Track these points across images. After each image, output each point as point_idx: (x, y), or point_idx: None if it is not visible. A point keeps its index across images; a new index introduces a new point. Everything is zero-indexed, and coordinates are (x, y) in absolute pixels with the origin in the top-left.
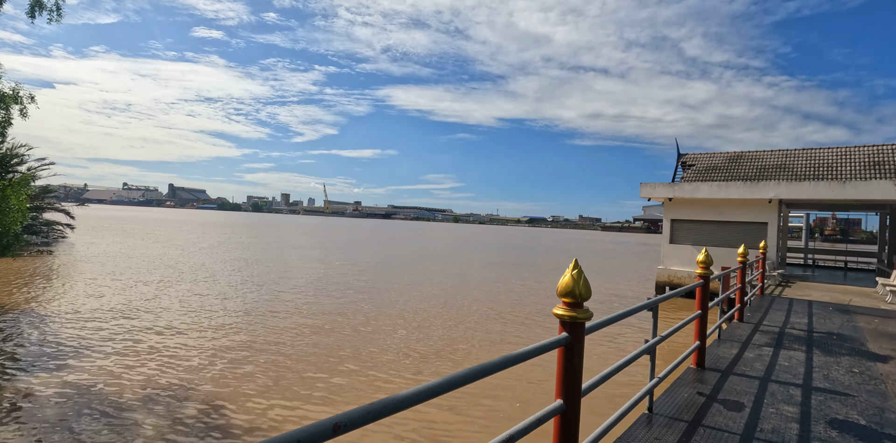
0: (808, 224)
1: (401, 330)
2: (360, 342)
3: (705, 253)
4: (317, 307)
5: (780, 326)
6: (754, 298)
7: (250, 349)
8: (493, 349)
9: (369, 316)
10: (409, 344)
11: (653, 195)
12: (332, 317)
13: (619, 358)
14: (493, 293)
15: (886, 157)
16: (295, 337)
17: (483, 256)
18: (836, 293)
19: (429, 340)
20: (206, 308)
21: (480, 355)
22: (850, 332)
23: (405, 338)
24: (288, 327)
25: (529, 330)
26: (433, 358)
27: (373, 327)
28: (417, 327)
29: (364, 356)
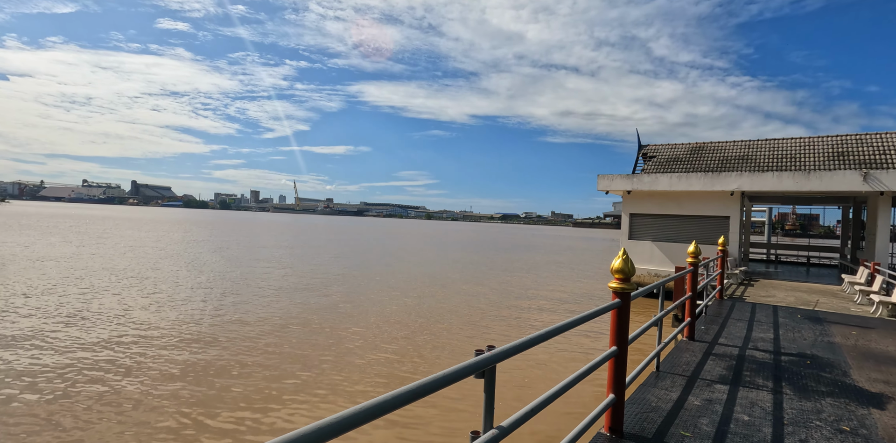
0: (770, 219)
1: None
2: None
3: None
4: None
5: (740, 345)
6: (713, 303)
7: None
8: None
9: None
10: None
11: (611, 188)
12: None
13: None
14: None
15: (851, 147)
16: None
17: (455, 257)
18: (801, 293)
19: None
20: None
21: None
22: (826, 352)
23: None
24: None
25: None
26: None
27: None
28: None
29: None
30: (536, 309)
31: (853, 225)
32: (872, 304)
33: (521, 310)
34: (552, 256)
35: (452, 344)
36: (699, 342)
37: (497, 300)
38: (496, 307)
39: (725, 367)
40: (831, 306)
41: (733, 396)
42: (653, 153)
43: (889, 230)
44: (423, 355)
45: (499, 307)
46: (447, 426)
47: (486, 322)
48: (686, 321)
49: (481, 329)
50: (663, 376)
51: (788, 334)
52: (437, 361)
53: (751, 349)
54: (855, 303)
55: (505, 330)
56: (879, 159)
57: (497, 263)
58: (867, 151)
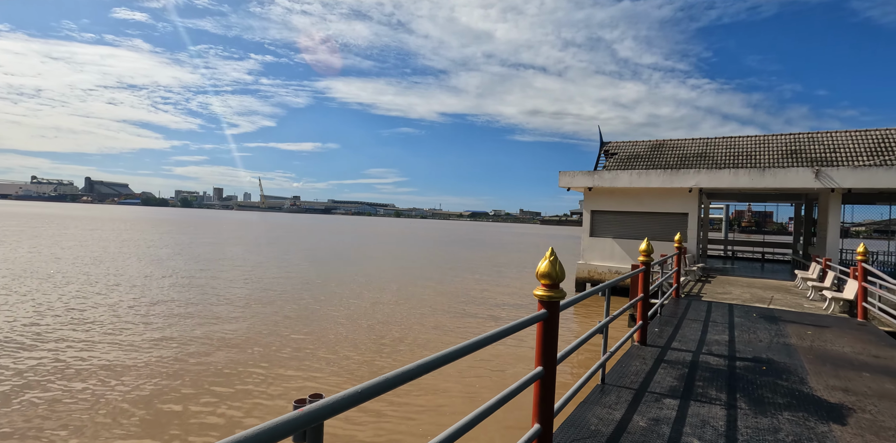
0: (727, 215)
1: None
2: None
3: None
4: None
5: (694, 349)
6: (669, 302)
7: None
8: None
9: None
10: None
11: (572, 184)
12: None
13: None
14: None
15: (803, 145)
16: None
17: (418, 256)
18: (756, 289)
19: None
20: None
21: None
22: (782, 356)
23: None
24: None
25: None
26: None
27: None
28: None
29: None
30: (480, 316)
31: (805, 221)
32: (825, 300)
33: (463, 316)
34: (516, 254)
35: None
36: (651, 347)
37: (444, 303)
38: (436, 314)
39: (677, 376)
40: (785, 303)
41: (683, 412)
42: (614, 150)
43: (839, 226)
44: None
45: (438, 314)
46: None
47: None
48: (638, 324)
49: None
50: (609, 391)
51: (744, 335)
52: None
53: (705, 354)
54: (808, 299)
55: (424, 342)
56: (830, 157)
57: (459, 261)
58: (818, 150)
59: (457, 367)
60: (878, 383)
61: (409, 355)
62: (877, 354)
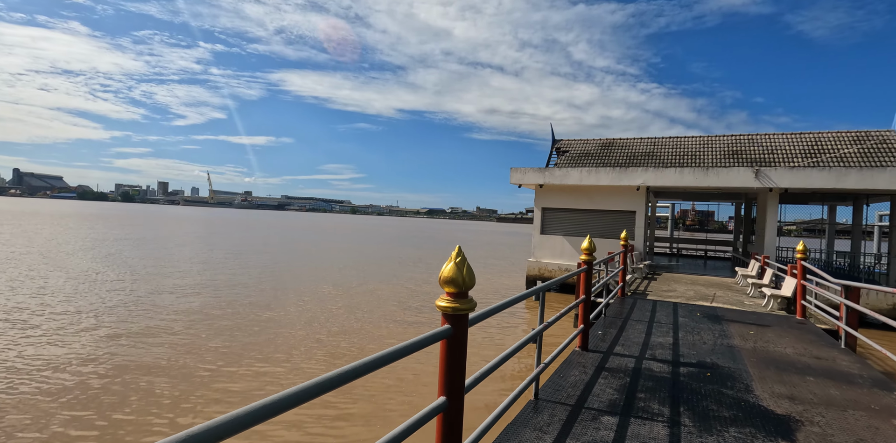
0: (673, 214)
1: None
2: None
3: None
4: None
5: (637, 354)
6: (615, 301)
7: None
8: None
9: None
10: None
11: (523, 181)
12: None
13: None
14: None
15: (744, 146)
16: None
17: (367, 254)
18: (700, 286)
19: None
20: None
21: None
22: (726, 359)
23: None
24: None
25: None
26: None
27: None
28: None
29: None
30: (407, 322)
31: (745, 220)
32: (764, 297)
33: (384, 323)
34: (470, 251)
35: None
36: (594, 353)
37: (374, 308)
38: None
39: (618, 387)
40: (727, 300)
41: (623, 433)
42: (566, 148)
43: (776, 225)
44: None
45: (360, 322)
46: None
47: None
48: (579, 329)
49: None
50: (542, 408)
51: (688, 336)
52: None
53: (648, 359)
54: (748, 296)
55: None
56: (768, 158)
57: (408, 258)
58: (757, 151)
59: (370, 386)
60: (823, 388)
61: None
62: (818, 354)
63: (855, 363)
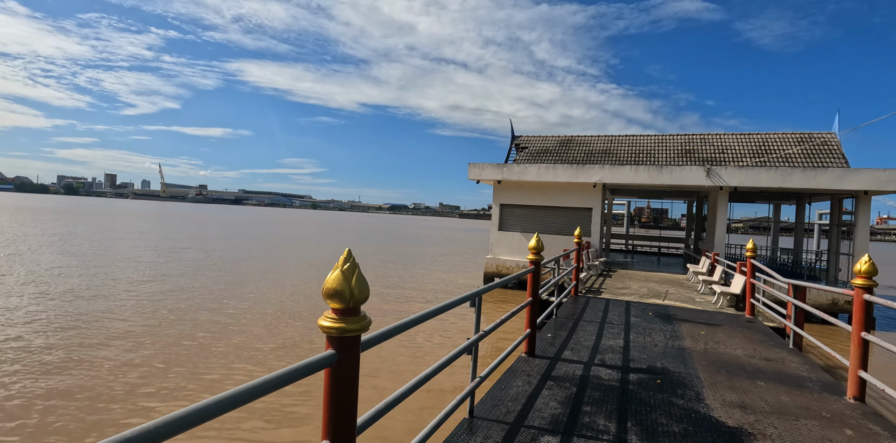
0: (629, 211)
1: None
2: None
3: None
4: None
5: (587, 359)
6: (568, 301)
7: None
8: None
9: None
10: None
11: (482, 177)
12: None
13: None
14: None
15: (696, 145)
16: None
17: (314, 252)
18: (653, 283)
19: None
20: None
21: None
22: (677, 364)
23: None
24: None
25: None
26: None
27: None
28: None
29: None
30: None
31: (696, 218)
32: (714, 293)
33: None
34: (431, 248)
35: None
36: (540, 359)
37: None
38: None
39: (563, 399)
40: (679, 297)
41: None
42: (525, 144)
43: (726, 222)
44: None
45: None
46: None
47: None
48: (525, 334)
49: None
50: (477, 427)
51: (639, 338)
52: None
53: (598, 365)
54: (699, 293)
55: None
56: (719, 157)
57: (369, 255)
58: (709, 150)
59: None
60: (774, 394)
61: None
62: (767, 356)
63: (804, 365)
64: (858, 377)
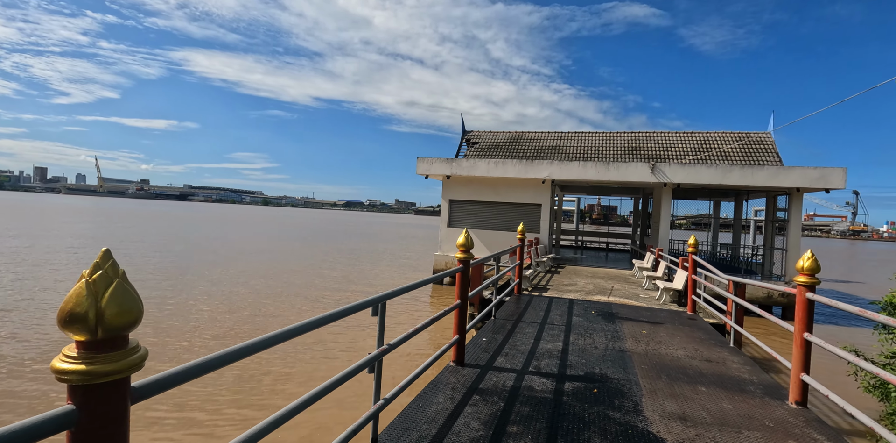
0: (579, 208)
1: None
2: None
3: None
4: None
5: (521, 367)
6: (510, 300)
7: None
8: None
9: None
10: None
11: (430, 172)
12: None
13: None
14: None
15: (642, 143)
16: None
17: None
18: (599, 279)
19: None
20: None
21: None
22: (617, 369)
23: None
24: None
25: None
26: None
27: None
28: None
29: None
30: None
31: (642, 214)
32: (658, 289)
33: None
34: (385, 244)
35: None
36: (469, 368)
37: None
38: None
39: (488, 418)
40: (624, 293)
41: None
42: (476, 139)
43: (669, 218)
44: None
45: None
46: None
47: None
48: (453, 340)
49: None
50: None
51: (580, 340)
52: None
53: (532, 373)
54: (643, 288)
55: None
56: (663, 155)
57: (311, 253)
58: (654, 147)
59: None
60: (716, 401)
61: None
62: (709, 356)
63: (745, 365)
64: (801, 381)
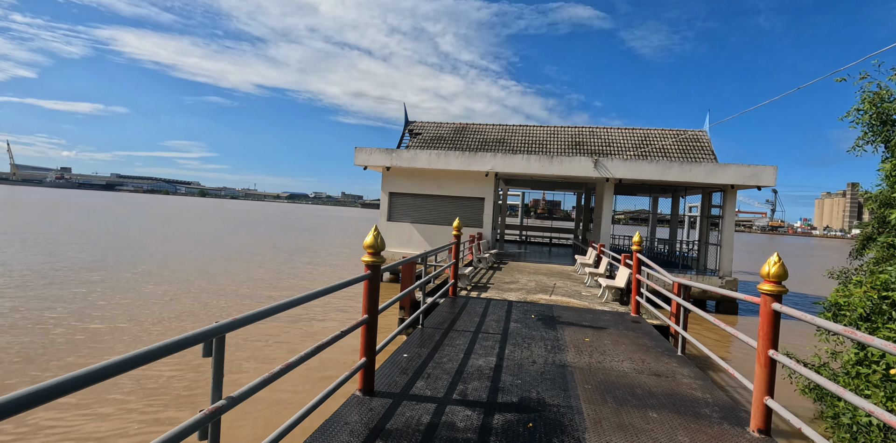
0: (523, 202)
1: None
2: None
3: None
4: None
5: (443, 394)
6: (444, 303)
7: None
8: None
9: None
10: None
11: (369, 163)
12: None
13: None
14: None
15: (585, 138)
16: None
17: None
18: (542, 276)
19: None
20: None
21: None
22: (556, 393)
23: None
24: None
25: None
26: None
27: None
28: None
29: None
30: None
31: (584, 209)
32: (600, 286)
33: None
34: (323, 239)
35: None
36: (381, 397)
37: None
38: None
39: None
40: (566, 291)
41: None
42: (419, 130)
43: (611, 214)
44: None
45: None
46: None
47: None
48: (359, 363)
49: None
50: None
51: (516, 353)
52: None
53: (455, 403)
54: (585, 285)
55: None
56: (605, 150)
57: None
58: (596, 143)
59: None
60: (669, 432)
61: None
62: (657, 369)
63: (696, 380)
64: (764, 406)
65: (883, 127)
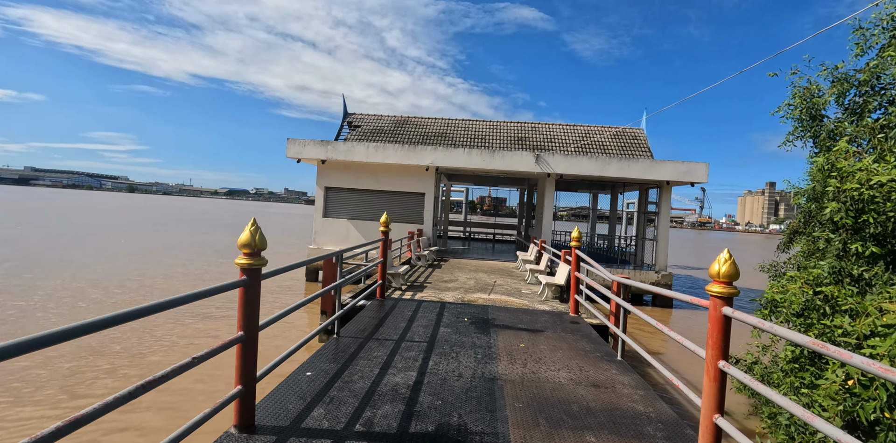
0: (467, 198)
1: None
2: None
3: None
4: None
5: (343, 426)
6: (369, 306)
7: None
8: None
9: None
10: None
11: (303, 155)
12: None
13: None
14: None
15: (528, 133)
16: None
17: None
18: (482, 274)
19: None
20: None
21: None
22: (482, 415)
23: None
24: None
25: None
26: None
27: None
28: None
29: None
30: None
31: (527, 205)
32: (540, 283)
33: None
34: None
35: None
36: (260, 435)
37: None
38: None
39: None
40: (506, 289)
41: None
42: (358, 122)
43: (553, 209)
44: None
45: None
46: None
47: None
48: (234, 392)
49: None
50: None
51: (441, 366)
52: None
53: (356, 438)
54: (526, 282)
55: None
56: (547, 146)
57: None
58: (538, 138)
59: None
60: None
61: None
62: (595, 379)
63: (637, 390)
64: (714, 425)
65: (812, 122)
